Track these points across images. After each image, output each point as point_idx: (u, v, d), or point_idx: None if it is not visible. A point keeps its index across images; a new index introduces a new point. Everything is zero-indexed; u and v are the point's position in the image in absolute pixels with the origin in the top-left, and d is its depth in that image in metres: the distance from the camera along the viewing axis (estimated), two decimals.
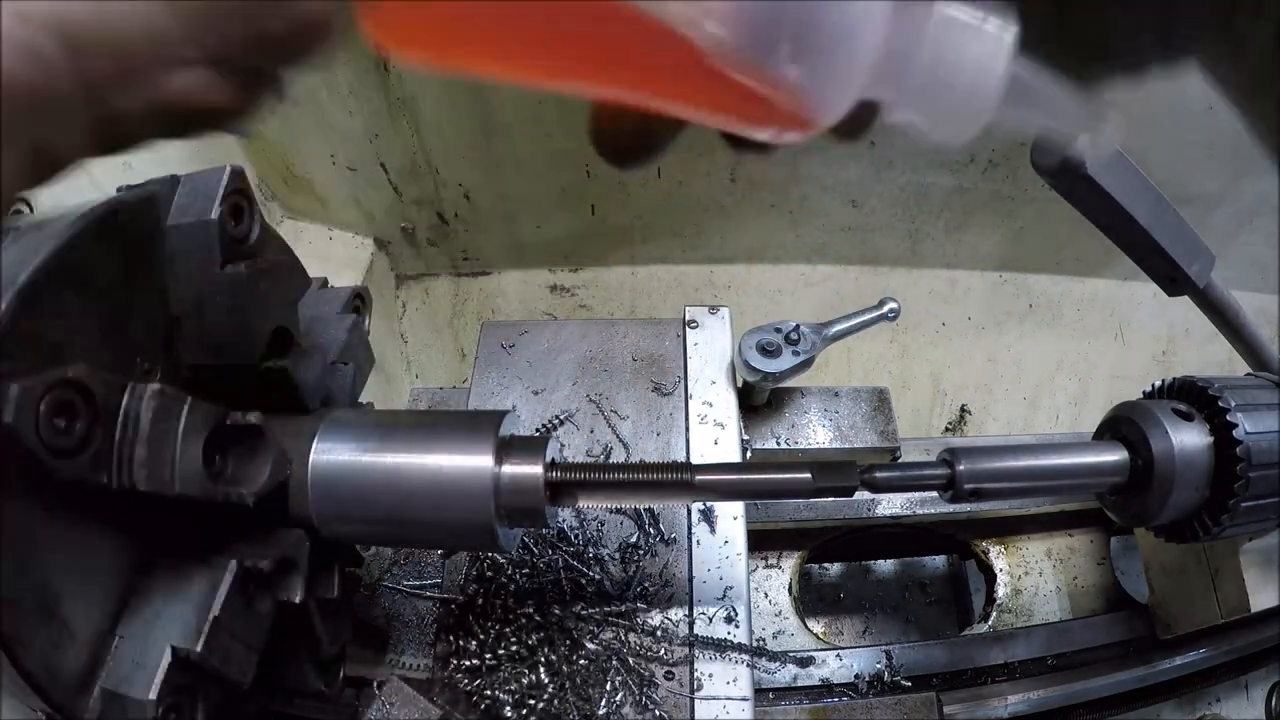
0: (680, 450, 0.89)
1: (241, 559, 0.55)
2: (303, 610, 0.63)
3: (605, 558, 0.82)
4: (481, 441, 0.58)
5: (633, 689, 0.73)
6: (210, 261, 0.56)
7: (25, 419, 0.42)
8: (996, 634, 1.04)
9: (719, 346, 0.97)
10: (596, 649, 0.76)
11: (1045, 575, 1.12)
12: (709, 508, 0.84)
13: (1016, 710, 0.93)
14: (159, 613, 0.53)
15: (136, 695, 0.50)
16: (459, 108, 1.41)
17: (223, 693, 0.56)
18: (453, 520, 0.58)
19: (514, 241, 1.73)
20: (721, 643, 0.76)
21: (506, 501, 0.57)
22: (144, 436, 0.48)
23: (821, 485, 0.59)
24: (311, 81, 1.36)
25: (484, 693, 0.74)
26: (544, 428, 0.92)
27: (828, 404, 1.05)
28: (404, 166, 1.53)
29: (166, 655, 0.51)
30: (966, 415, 1.90)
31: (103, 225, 0.52)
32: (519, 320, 1.04)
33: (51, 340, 0.48)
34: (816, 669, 0.91)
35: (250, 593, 0.57)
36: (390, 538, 0.72)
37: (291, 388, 0.62)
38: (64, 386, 0.44)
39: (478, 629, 0.77)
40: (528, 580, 0.80)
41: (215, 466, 0.54)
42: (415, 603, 0.88)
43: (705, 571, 0.81)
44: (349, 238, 1.68)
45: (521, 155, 1.50)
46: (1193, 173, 1.52)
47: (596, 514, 0.85)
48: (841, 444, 1.02)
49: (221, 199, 0.56)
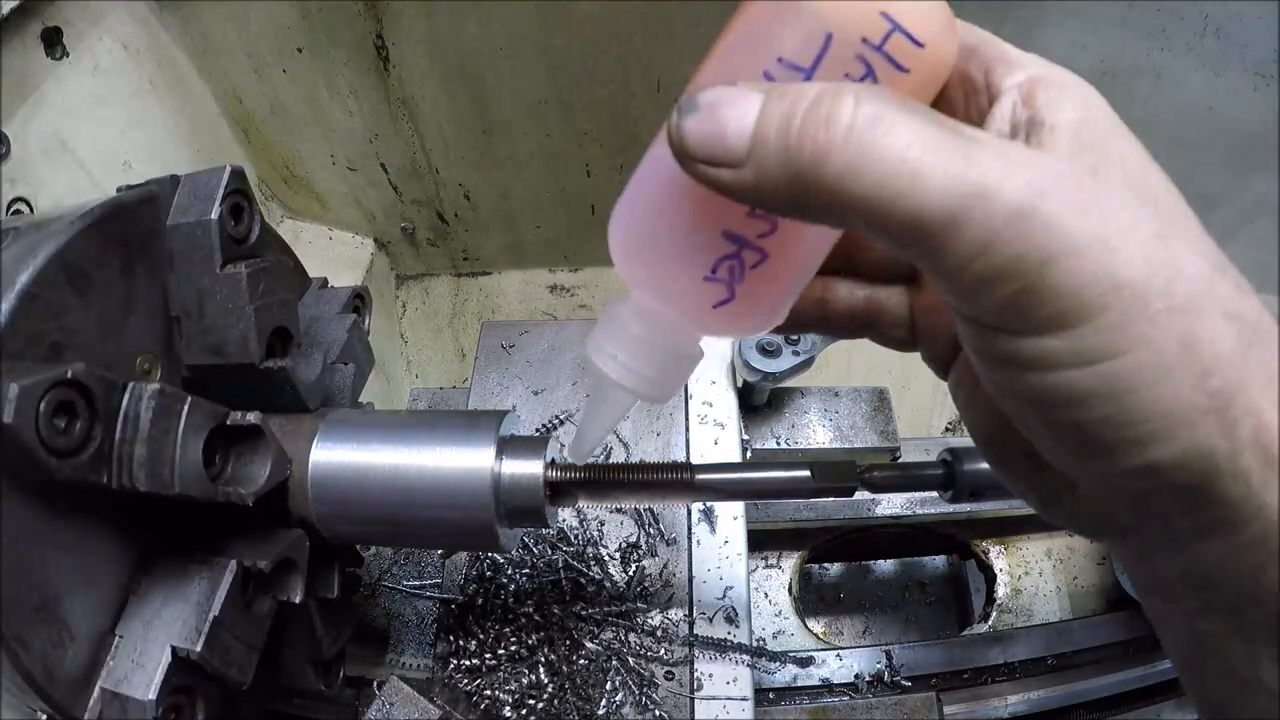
0: (680, 450, 0.89)
1: (241, 559, 0.55)
2: (303, 610, 0.63)
3: (605, 558, 0.81)
4: (482, 441, 0.58)
5: (633, 689, 0.73)
6: (210, 261, 0.56)
7: (25, 419, 0.42)
8: (996, 634, 1.04)
9: (719, 347, 0.97)
10: (596, 649, 0.75)
11: (1045, 575, 1.12)
12: (709, 508, 0.84)
13: (1016, 710, 0.93)
14: (159, 613, 0.53)
15: (136, 695, 0.50)
16: (459, 108, 1.41)
17: (222, 692, 0.56)
18: (453, 520, 0.58)
19: (514, 241, 1.73)
20: (721, 643, 0.76)
21: (506, 501, 0.57)
22: (144, 436, 0.48)
23: (821, 485, 0.59)
24: (312, 81, 1.36)
25: (484, 693, 0.74)
26: (544, 428, 0.92)
27: (828, 404, 1.05)
28: (404, 166, 1.53)
29: (166, 655, 0.51)
30: None
31: (103, 225, 0.52)
32: (519, 320, 1.04)
33: (51, 340, 0.48)
34: (816, 669, 0.91)
35: (250, 593, 0.57)
36: (390, 538, 0.72)
37: (291, 388, 0.62)
38: (64, 386, 0.44)
39: (477, 629, 0.77)
40: (528, 580, 0.80)
41: (215, 466, 0.54)
42: (415, 603, 0.88)
43: (705, 571, 0.81)
44: (349, 238, 1.68)
45: (521, 155, 1.50)
46: (1193, 173, 1.52)
47: (596, 514, 0.85)
48: (841, 444, 1.02)
49: (221, 199, 0.56)
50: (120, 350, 0.54)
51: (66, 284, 0.49)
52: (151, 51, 1.22)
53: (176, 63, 1.29)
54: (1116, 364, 0.27)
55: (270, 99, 1.39)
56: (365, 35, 1.29)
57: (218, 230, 0.56)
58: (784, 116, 0.30)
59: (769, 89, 0.31)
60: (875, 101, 0.29)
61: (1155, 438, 0.28)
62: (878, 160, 0.28)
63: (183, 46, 1.29)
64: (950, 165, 0.27)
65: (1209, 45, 1.17)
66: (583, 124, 1.43)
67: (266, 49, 1.31)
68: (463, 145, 1.48)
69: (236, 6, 1.24)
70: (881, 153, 0.28)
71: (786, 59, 0.34)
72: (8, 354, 0.45)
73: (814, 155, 0.29)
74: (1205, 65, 1.19)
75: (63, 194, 1.02)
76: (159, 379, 0.57)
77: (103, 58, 1.11)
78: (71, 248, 0.49)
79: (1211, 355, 0.27)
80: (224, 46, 1.30)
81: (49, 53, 1.02)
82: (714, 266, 0.37)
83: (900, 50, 0.34)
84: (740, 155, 0.30)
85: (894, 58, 0.34)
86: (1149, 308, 0.27)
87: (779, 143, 0.29)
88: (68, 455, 0.45)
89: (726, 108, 0.31)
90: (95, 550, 0.52)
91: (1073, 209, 0.27)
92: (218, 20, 1.26)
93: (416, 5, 1.23)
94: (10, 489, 0.45)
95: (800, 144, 0.29)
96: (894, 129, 0.28)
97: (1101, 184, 0.29)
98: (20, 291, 0.46)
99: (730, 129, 0.30)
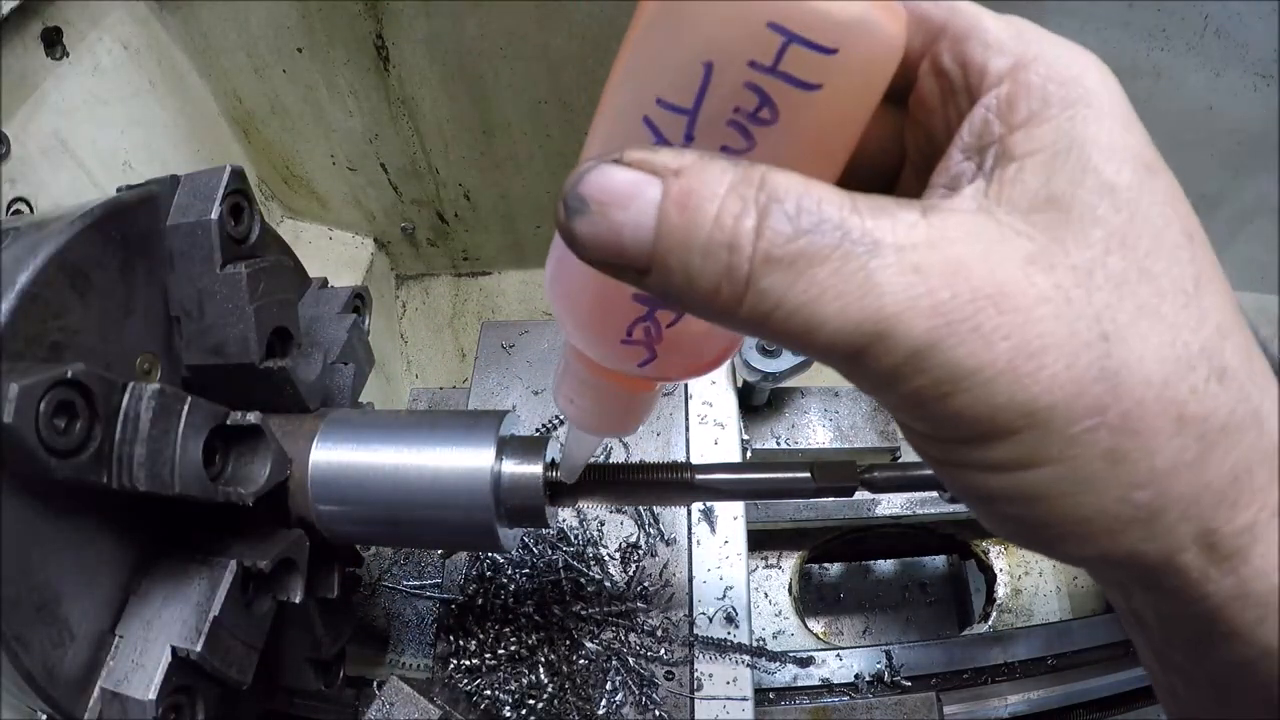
0: (680, 450, 0.89)
1: (241, 559, 0.55)
2: (303, 610, 0.63)
3: (605, 558, 0.81)
4: (482, 441, 0.58)
5: (633, 689, 0.73)
6: (210, 261, 0.56)
7: (25, 419, 0.42)
8: (996, 634, 1.04)
9: None
10: (596, 649, 0.75)
11: (1045, 575, 1.12)
12: (709, 508, 0.84)
13: (1016, 710, 0.93)
14: (159, 613, 0.53)
15: (136, 695, 0.50)
16: (459, 108, 1.41)
17: (222, 692, 0.56)
18: (453, 520, 0.58)
19: (514, 241, 1.73)
20: (721, 643, 0.76)
21: (506, 501, 0.57)
22: (144, 436, 0.48)
23: (821, 485, 0.59)
24: (311, 81, 1.36)
25: (484, 693, 0.74)
26: (544, 428, 0.92)
27: (828, 404, 1.05)
28: (404, 166, 1.53)
29: (166, 655, 0.51)
30: None
31: (103, 225, 0.52)
32: (519, 320, 1.04)
33: (51, 340, 0.48)
34: (816, 669, 0.91)
35: (250, 593, 0.57)
36: (390, 538, 0.72)
37: (291, 388, 0.62)
38: (64, 386, 0.44)
39: (477, 629, 0.77)
40: (528, 580, 0.80)
41: (215, 466, 0.54)
42: (415, 603, 0.88)
43: (705, 571, 0.81)
44: (349, 238, 1.68)
45: (521, 155, 1.50)
46: (1193, 173, 1.52)
47: (596, 514, 0.85)
48: (841, 444, 1.02)
49: (221, 199, 0.56)
50: (120, 350, 0.54)
51: (66, 284, 0.49)
52: (151, 51, 1.22)
53: (176, 63, 1.29)
54: (1028, 475, 0.27)
55: (270, 99, 1.39)
56: (365, 35, 1.29)
57: (218, 230, 0.56)
58: (683, 241, 0.27)
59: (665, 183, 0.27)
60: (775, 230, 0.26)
61: (1076, 538, 0.28)
62: (777, 310, 0.26)
63: (183, 46, 1.29)
64: (849, 308, 0.26)
65: (1209, 45, 1.17)
66: (583, 124, 1.43)
67: (266, 49, 1.31)
68: (463, 145, 1.48)
69: (236, 6, 1.24)
70: (781, 304, 0.26)
71: (665, 99, 0.29)
72: (8, 354, 0.45)
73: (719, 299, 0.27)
74: (1205, 65, 1.19)
75: (63, 194, 1.02)
76: (159, 379, 0.57)
77: (103, 58, 1.11)
78: (71, 248, 0.49)
79: (1145, 469, 0.26)
80: (224, 46, 1.30)
81: (49, 53, 1.02)
82: (629, 329, 0.35)
83: (803, 64, 0.27)
84: (642, 266, 0.28)
85: (796, 76, 0.27)
86: (1067, 429, 0.26)
87: (681, 269, 0.27)
88: (68, 455, 0.45)
89: (617, 212, 0.28)
90: (95, 550, 0.52)
91: (983, 337, 0.25)
92: (218, 20, 1.26)
93: (416, 5, 1.23)
94: (10, 489, 0.45)
95: (703, 281, 0.27)
96: (792, 272, 0.26)
97: (1044, 275, 0.26)
98: (20, 291, 0.46)
99: (626, 239, 0.28)
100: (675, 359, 0.37)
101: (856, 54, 0.27)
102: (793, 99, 0.28)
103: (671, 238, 0.27)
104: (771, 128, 0.29)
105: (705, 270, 0.27)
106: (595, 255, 0.29)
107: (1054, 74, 0.28)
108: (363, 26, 1.27)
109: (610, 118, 0.32)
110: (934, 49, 0.31)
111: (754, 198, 0.26)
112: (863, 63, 0.28)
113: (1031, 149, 0.28)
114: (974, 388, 0.26)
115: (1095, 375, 0.25)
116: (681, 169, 0.27)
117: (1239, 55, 1.17)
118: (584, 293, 0.36)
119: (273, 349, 0.60)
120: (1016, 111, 0.28)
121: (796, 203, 0.26)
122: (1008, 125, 0.28)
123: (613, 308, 0.35)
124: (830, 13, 0.26)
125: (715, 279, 0.27)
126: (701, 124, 0.29)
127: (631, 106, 0.30)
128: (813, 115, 0.28)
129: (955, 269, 0.26)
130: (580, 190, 0.29)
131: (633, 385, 0.42)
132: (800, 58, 0.27)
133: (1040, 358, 0.25)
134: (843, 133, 0.30)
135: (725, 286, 0.27)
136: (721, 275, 0.27)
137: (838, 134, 0.30)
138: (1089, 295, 0.26)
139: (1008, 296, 0.25)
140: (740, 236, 0.26)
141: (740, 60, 0.27)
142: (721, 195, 0.26)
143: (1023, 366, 0.25)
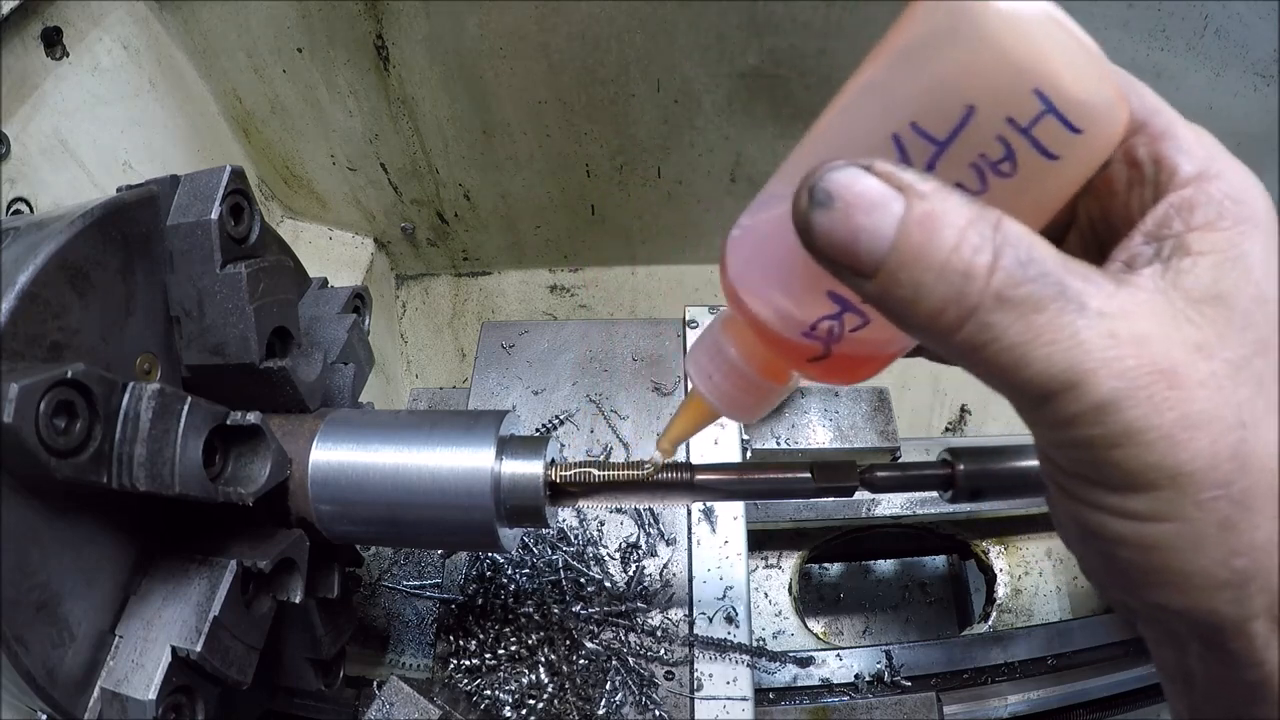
0: (680, 450, 0.89)
1: (241, 559, 0.55)
2: (303, 610, 0.63)
3: (605, 558, 0.81)
4: (482, 441, 0.58)
5: (633, 689, 0.73)
6: (210, 261, 0.56)
7: (25, 419, 0.42)
8: (996, 634, 1.04)
9: None
10: (596, 649, 0.75)
11: (1045, 575, 1.12)
12: (709, 508, 0.84)
13: (1016, 710, 0.93)
14: (159, 613, 0.53)
15: (136, 695, 0.50)
16: (459, 108, 1.41)
17: (222, 692, 0.56)
18: (453, 520, 0.58)
19: (514, 241, 1.73)
20: (721, 643, 0.76)
21: (506, 501, 0.58)
22: (144, 436, 0.48)
23: (821, 485, 0.59)
24: (311, 81, 1.36)
25: (484, 693, 0.74)
26: (544, 428, 0.92)
27: (828, 404, 1.05)
28: (404, 166, 1.53)
29: (166, 655, 0.51)
30: (966, 415, 1.89)
31: (103, 225, 0.52)
32: (519, 320, 1.04)
33: (51, 340, 0.48)
34: (816, 669, 0.91)
35: (250, 593, 0.57)
36: (390, 538, 0.72)
37: (291, 388, 0.62)
38: (64, 386, 0.44)
39: (477, 629, 0.77)
40: (528, 580, 0.80)
41: (215, 466, 0.54)
42: (415, 603, 0.88)
43: (705, 571, 0.81)
44: (349, 238, 1.68)
45: (521, 155, 1.50)
46: None
47: (596, 514, 0.85)
48: (841, 444, 1.02)
49: (221, 199, 0.56)
50: (120, 350, 0.54)
51: (66, 284, 0.49)
52: (151, 51, 1.22)
53: (176, 63, 1.29)
54: (1154, 527, 0.30)
55: (270, 99, 1.39)
56: (365, 35, 1.29)
57: (218, 230, 0.56)
58: (918, 258, 0.30)
59: (909, 201, 0.30)
60: (1008, 272, 0.29)
61: (1174, 589, 0.31)
62: (994, 343, 0.30)
63: (183, 46, 1.29)
64: (1054, 355, 0.29)
65: (1209, 45, 1.17)
66: (583, 124, 1.43)
67: (266, 49, 1.31)
68: (463, 145, 1.48)
69: (236, 6, 1.24)
70: (999, 339, 0.30)
71: (920, 125, 0.31)
72: (8, 354, 0.45)
73: (941, 319, 0.30)
74: (1205, 65, 1.19)
75: (63, 194, 1.02)
76: (159, 379, 0.57)
77: (103, 58, 1.11)
78: (71, 248, 0.49)
79: (1246, 541, 0.30)
80: (224, 46, 1.30)
81: (49, 53, 1.02)
82: (814, 324, 0.37)
83: (1051, 136, 0.30)
84: (869, 270, 0.30)
85: (1042, 144, 0.30)
86: (1199, 494, 0.29)
87: (910, 284, 0.30)
88: (68, 455, 0.45)
89: (861, 216, 0.30)
90: (95, 550, 0.52)
91: (1156, 404, 0.29)
92: (218, 20, 1.26)
93: (416, 5, 1.23)
94: (10, 489, 0.45)
95: (930, 300, 0.30)
96: (1016, 313, 0.29)
97: (1206, 362, 0.30)
98: (20, 291, 0.46)
99: (863, 243, 0.30)
100: (843, 362, 0.39)
101: (1096, 140, 0.31)
102: (1032, 162, 0.31)
103: (908, 253, 0.30)
104: (1007, 180, 0.32)
105: (935, 291, 0.30)
106: (825, 249, 0.31)
107: (1232, 192, 0.33)
108: (363, 26, 1.27)
109: (853, 121, 0.34)
110: (1131, 141, 0.35)
111: (991, 237, 0.29)
112: (1098, 148, 0.31)
113: (1205, 250, 0.31)
114: (1139, 445, 0.29)
115: (1230, 454, 0.30)
116: (926, 193, 0.30)
117: (1239, 55, 1.17)
118: (786, 280, 0.37)
119: (273, 349, 0.60)
120: (1196, 214, 0.32)
121: (1027, 251, 0.30)
122: (1187, 224, 0.32)
123: (807, 300, 0.37)
124: (1088, 99, 0.30)
125: (943, 301, 0.30)
126: (947, 158, 0.32)
127: (881, 120, 0.32)
128: (1043, 180, 0.32)
129: (1141, 340, 0.30)
130: (827, 185, 0.31)
131: (777, 376, 0.44)
132: (1050, 129, 0.30)
133: (1194, 430, 0.29)
134: (1058, 199, 0.33)
135: (951, 310, 0.30)
136: (950, 299, 0.30)
137: (1055, 199, 0.33)
138: (1235, 387, 0.30)
139: (1178, 374, 0.30)
140: (976, 268, 0.29)
141: (1001, 113, 0.30)
142: (961, 227, 0.30)
143: (1179, 435, 0.29)
